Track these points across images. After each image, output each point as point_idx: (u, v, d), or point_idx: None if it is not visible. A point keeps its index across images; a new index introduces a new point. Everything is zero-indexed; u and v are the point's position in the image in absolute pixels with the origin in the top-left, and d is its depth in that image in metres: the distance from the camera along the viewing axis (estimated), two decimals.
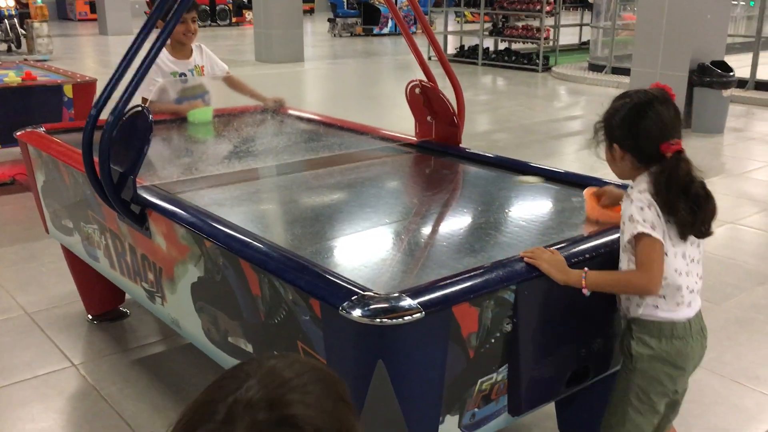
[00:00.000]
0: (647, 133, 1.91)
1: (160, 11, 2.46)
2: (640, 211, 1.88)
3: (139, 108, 2.43)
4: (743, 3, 14.02)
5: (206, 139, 3.65)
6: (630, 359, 2.01)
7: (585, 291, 1.89)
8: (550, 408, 2.56)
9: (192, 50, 3.91)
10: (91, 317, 3.53)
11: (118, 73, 2.40)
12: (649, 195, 1.90)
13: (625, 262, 1.97)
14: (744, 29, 13.85)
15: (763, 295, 3.90)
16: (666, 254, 1.91)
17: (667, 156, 1.90)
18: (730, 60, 8.27)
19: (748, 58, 10.03)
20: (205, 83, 3.97)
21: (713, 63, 7.91)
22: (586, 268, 1.90)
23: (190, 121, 3.67)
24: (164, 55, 3.76)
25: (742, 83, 9.31)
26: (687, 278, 1.96)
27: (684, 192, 1.89)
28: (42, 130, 3.38)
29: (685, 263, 1.96)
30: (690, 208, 1.89)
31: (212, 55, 4.03)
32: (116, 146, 2.41)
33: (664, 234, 1.90)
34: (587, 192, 2.37)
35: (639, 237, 1.88)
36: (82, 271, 3.43)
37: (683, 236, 1.93)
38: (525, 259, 1.88)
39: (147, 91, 3.65)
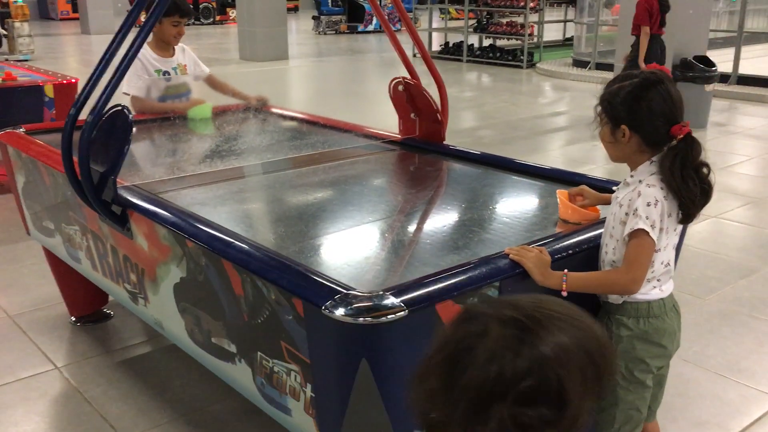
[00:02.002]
0: (660, 113, 1.85)
1: (140, 9, 2.43)
2: (646, 207, 1.84)
3: (119, 107, 2.41)
4: None
5: (189, 138, 3.62)
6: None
7: (564, 293, 1.87)
8: None
9: (174, 49, 3.89)
10: (74, 319, 3.50)
11: (97, 72, 2.37)
12: (659, 190, 1.86)
13: (611, 251, 1.96)
14: (726, 24, 13.95)
15: (747, 289, 3.92)
16: (659, 250, 1.90)
17: (677, 138, 1.85)
18: (713, 55, 8.32)
19: (730, 53, 10.11)
20: (188, 82, 3.95)
21: (696, 58, 7.96)
22: (566, 270, 1.88)
23: (190, 117, 3.69)
24: (148, 53, 3.74)
25: (724, 78, 9.38)
26: (668, 267, 1.98)
27: (696, 173, 1.86)
28: (21, 130, 3.34)
29: (670, 253, 1.97)
30: (701, 190, 1.86)
31: (195, 56, 4.01)
32: (96, 146, 2.39)
33: (662, 231, 1.88)
34: (561, 193, 2.31)
35: (635, 233, 1.85)
36: (64, 273, 3.40)
37: (684, 221, 1.92)
38: (510, 256, 1.87)
39: (136, 88, 3.63)
